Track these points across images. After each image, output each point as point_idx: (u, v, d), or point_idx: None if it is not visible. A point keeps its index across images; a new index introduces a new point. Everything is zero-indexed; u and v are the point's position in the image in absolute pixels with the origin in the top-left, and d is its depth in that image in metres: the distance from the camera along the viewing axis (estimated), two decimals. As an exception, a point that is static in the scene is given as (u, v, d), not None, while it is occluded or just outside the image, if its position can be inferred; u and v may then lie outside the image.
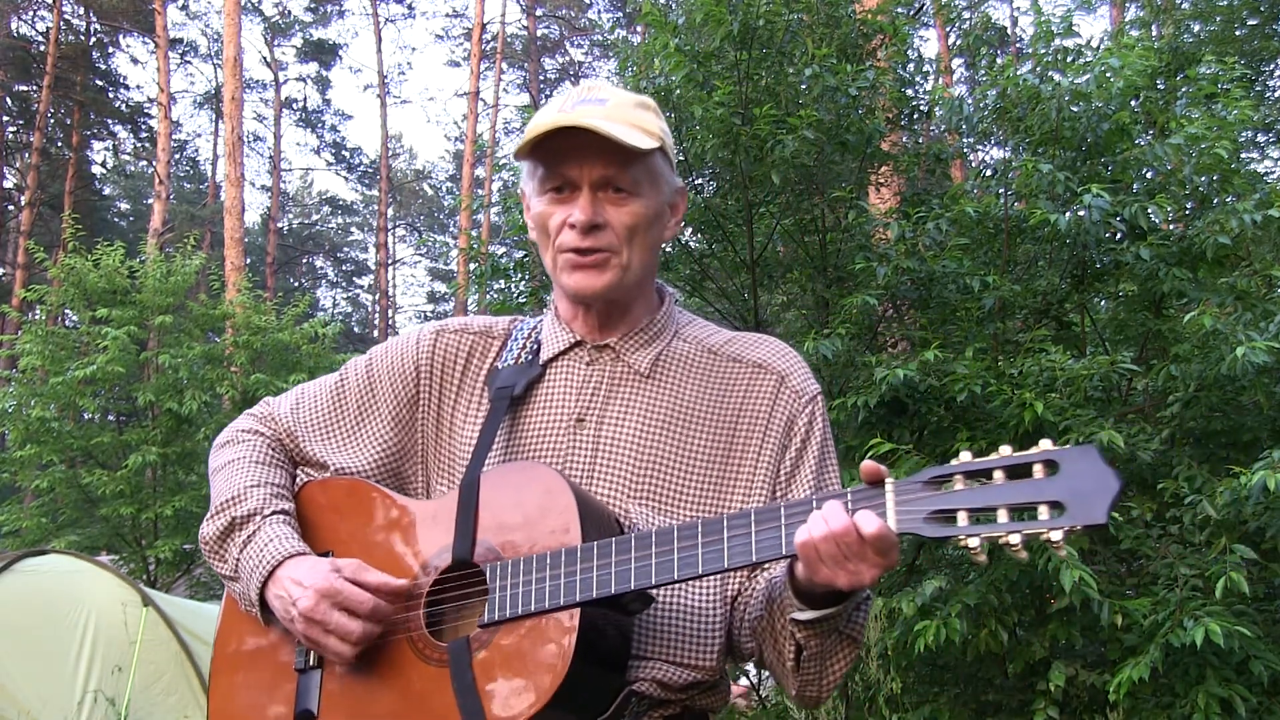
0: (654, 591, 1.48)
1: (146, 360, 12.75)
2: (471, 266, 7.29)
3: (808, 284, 6.22)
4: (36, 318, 15.16)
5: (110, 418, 13.67)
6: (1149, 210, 5.01)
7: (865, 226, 6.00)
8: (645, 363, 1.67)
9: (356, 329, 41.52)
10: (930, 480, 1.33)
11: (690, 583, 1.56)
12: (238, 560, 1.62)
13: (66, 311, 17.08)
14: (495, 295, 7.06)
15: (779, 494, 1.63)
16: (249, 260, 26.19)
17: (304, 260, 41.93)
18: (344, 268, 44.01)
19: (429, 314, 43.92)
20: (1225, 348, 4.53)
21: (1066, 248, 5.36)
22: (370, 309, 43.09)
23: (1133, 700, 4.46)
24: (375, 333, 39.87)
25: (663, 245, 1.75)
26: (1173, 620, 4.17)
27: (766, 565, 1.58)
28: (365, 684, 1.54)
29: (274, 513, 1.65)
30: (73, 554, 8.66)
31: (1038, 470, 1.28)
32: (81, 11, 29.33)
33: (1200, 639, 3.96)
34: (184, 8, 34.84)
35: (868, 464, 1.36)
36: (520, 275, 6.97)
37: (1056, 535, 1.25)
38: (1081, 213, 4.91)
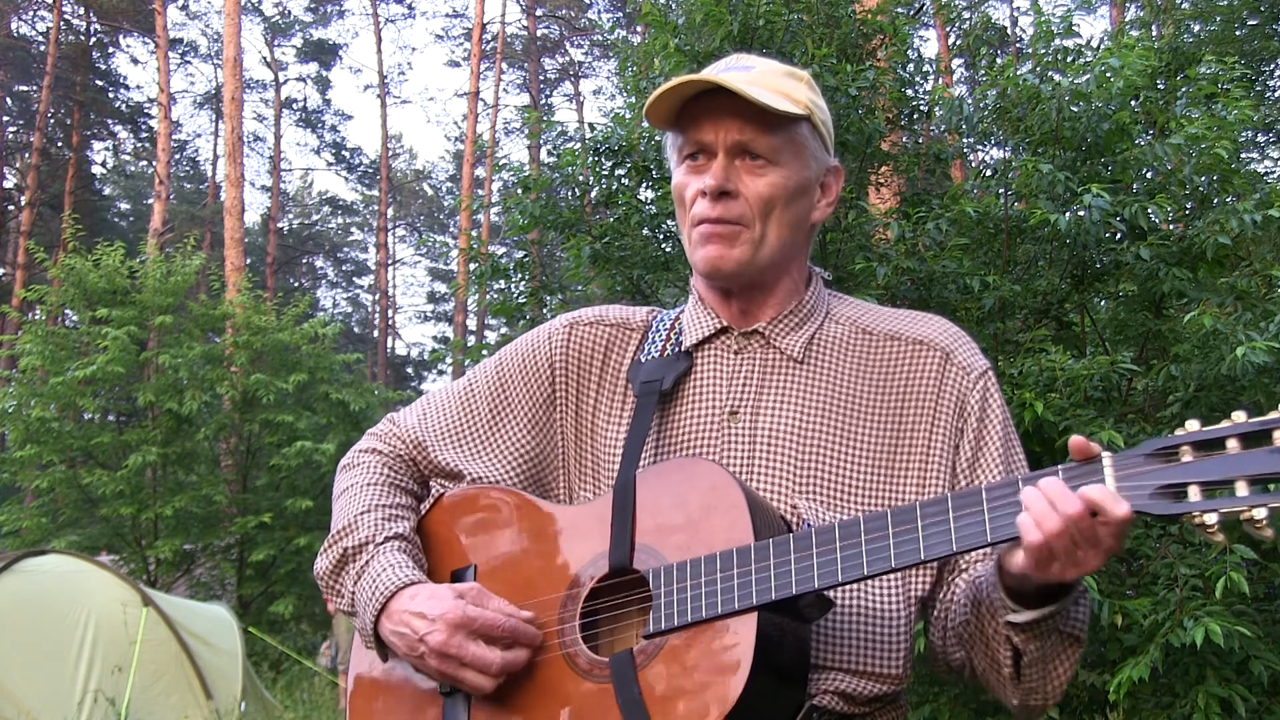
0: (833, 595, 1.35)
1: (146, 360, 12.77)
2: (471, 266, 7.27)
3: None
4: (36, 318, 15.18)
5: (110, 418, 13.69)
6: (1149, 210, 5.01)
7: (865, 226, 5.99)
8: (797, 347, 1.53)
9: (356, 329, 41.55)
10: (1153, 453, 1.19)
11: (871, 584, 1.44)
12: (353, 595, 1.49)
13: (66, 311, 17.09)
14: (495, 295, 7.05)
15: (963, 482, 1.49)
16: (249, 260, 26.21)
17: (304, 260, 41.93)
18: (344, 268, 44.05)
19: (429, 314, 43.98)
20: (1225, 348, 4.53)
21: (1066, 248, 5.36)
22: (370, 309, 43.13)
23: (1133, 700, 4.46)
24: (375, 333, 39.89)
25: (814, 227, 1.60)
26: (1173, 620, 4.17)
27: (964, 565, 1.48)
28: (517, 705, 1.40)
29: (388, 539, 1.51)
30: (73, 554, 8.68)
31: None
32: (81, 11, 29.37)
33: (1200, 639, 3.96)
34: (184, 8, 34.90)
35: (1077, 439, 1.22)
36: (520, 275, 6.96)
37: None
38: (1081, 213, 4.91)
